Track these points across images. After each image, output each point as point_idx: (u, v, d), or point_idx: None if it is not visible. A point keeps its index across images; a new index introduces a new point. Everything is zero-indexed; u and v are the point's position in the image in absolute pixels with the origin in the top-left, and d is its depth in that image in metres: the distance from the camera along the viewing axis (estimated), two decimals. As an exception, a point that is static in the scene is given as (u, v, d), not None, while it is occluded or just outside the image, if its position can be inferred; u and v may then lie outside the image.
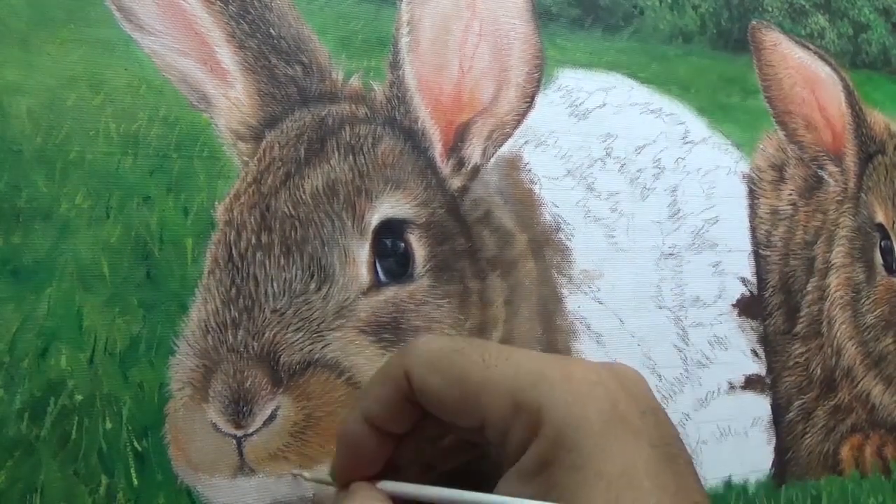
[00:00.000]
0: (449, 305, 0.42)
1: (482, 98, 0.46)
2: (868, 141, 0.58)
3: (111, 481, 0.35)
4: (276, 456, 0.37)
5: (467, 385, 0.27)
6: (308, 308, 0.39)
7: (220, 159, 0.40)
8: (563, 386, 0.26)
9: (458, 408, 0.28)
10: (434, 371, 0.28)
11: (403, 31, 0.44)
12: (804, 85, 0.57)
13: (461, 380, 0.27)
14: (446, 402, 0.28)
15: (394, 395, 0.29)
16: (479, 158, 0.45)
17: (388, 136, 0.43)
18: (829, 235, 0.56)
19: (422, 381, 0.28)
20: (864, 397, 0.54)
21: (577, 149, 0.49)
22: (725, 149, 0.54)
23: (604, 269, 0.47)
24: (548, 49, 0.49)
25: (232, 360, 0.37)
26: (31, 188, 0.37)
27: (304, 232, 0.40)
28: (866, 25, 0.62)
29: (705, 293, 0.50)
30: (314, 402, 0.38)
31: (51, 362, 0.35)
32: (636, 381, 0.28)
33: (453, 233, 0.43)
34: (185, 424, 0.37)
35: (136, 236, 0.38)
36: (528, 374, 0.27)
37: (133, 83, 0.39)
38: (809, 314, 0.54)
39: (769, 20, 0.57)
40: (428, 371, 0.28)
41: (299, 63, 0.42)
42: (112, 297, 0.37)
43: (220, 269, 0.38)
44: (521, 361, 0.28)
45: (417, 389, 0.28)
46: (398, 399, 0.29)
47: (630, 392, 0.27)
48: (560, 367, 0.27)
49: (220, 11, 0.41)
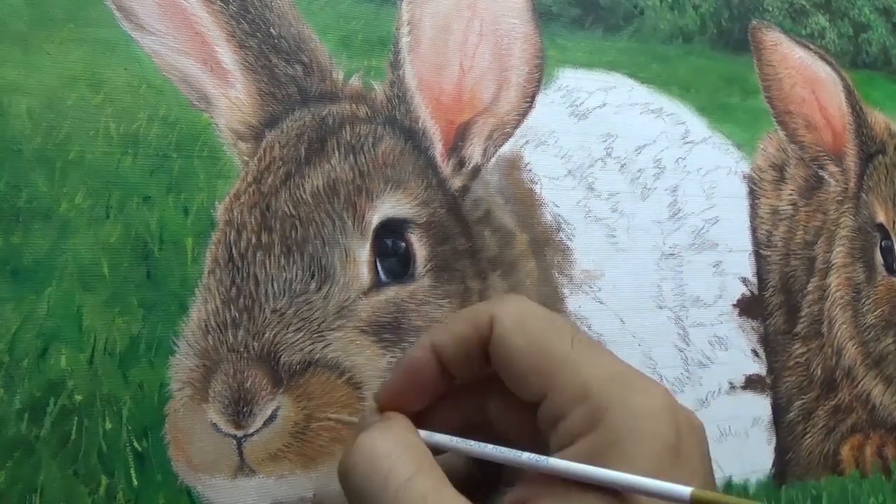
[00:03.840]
0: (450, 305, 0.42)
1: (483, 98, 0.46)
2: (868, 141, 0.58)
3: (111, 481, 0.35)
4: (277, 456, 0.37)
5: (547, 356, 0.26)
6: (308, 308, 0.39)
7: (220, 159, 0.40)
8: (636, 396, 0.25)
9: (527, 375, 0.27)
10: (520, 330, 0.27)
11: (404, 30, 0.44)
12: (804, 85, 0.57)
13: (543, 348, 0.27)
14: (519, 364, 0.27)
15: (470, 335, 0.28)
16: (479, 158, 0.45)
17: (388, 135, 0.43)
18: (830, 235, 0.56)
19: (504, 334, 0.27)
20: (864, 397, 0.54)
21: (577, 149, 0.49)
22: (726, 149, 0.54)
23: (604, 269, 0.47)
24: (548, 49, 0.49)
25: (232, 360, 0.37)
26: (31, 188, 0.37)
27: (305, 232, 0.39)
28: (866, 25, 0.62)
29: (706, 293, 0.50)
30: (314, 402, 0.38)
31: (51, 362, 0.35)
32: (700, 427, 0.27)
33: (454, 233, 0.43)
34: (185, 424, 0.37)
35: (136, 236, 0.38)
36: (607, 371, 0.26)
37: (133, 83, 0.39)
38: (810, 314, 0.54)
39: (769, 20, 0.57)
40: (514, 327, 0.27)
41: (300, 63, 0.42)
42: (112, 297, 0.37)
43: (221, 268, 0.38)
44: (606, 357, 0.27)
45: (496, 339, 0.27)
46: (473, 341, 0.28)
47: (695, 432, 0.26)
48: (640, 378, 0.26)
49: (220, 11, 0.41)
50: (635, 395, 0.25)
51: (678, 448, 0.25)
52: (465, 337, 0.28)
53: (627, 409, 0.25)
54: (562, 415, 0.26)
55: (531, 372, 0.27)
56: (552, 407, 0.26)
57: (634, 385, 0.26)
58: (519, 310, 0.28)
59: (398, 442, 0.27)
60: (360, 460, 0.26)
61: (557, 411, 0.26)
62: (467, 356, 0.28)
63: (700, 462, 0.25)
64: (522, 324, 0.27)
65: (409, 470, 0.25)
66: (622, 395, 0.25)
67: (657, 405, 0.25)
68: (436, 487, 0.25)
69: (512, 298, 0.29)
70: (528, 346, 0.27)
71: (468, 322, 0.28)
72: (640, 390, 0.26)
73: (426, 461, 0.26)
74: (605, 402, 0.25)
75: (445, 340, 0.28)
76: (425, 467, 0.26)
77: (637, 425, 0.24)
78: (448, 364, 0.29)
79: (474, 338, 0.28)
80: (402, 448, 0.26)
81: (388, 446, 0.26)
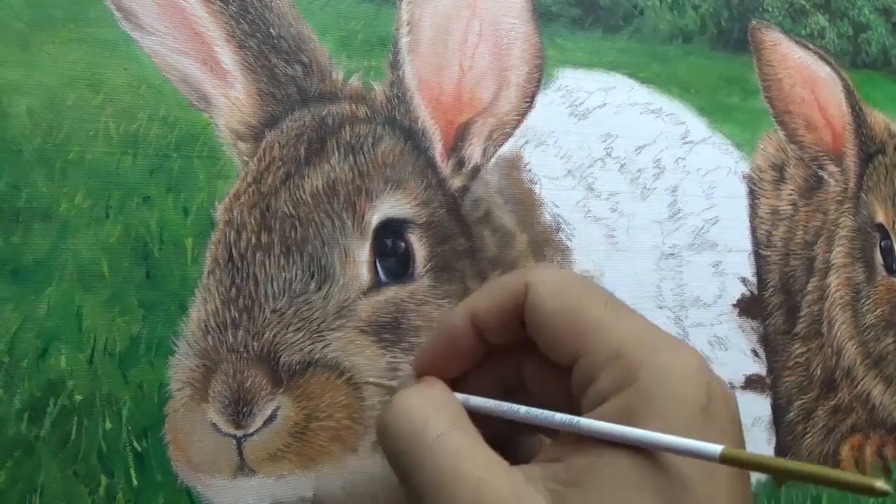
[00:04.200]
0: (450, 305, 0.42)
1: (482, 98, 0.46)
2: (868, 141, 0.58)
3: (111, 481, 0.35)
4: (276, 456, 0.37)
5: (581, 318, 0.27)
6: (308, 308, 0.39)
7: (220, 159, 0.40)
8: (668, 357, 0.25)
9: (561, 337, 0.27)
10: (555, 294, 0.28)
11: (403, 30, 0.44)
12: (804, 85, 0.57)
13: (577, 311, 0.27)
14: (553, 326, 0.27)
15: (506, 302, 0.29)
16: (479, 158, 0.45)
17: (388, 135, 0.43)
18: (830, 235, 0.56)
19: (539, 298, 0.28)
20: (864, 397, 0.54)
21: (577, 149, 0.49)
22: (726, 149, 0.54)
23: (604, 269, 0.47)
24: (548, 49, 0.49)
25: (232, 361, 0.37)
26: (30, 188, 0.37)
27: (305, 232, 0.39)
28: (866, 25, 0.62)
29: (705, 293, 0.50)
30: (314, 402, 0.38)
31: (51, 362, 0.35)
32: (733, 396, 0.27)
33: (454, 233, 0.43)
34: (185, 424, 0.37)
35: (136, 236, 0.38)
36: (640, 332, 0.26)
37: (133, 83, 0.39)
38: (809, 314, 0.54)
39: (769, 20, 0.57)
40: (549, 291, 0.28)
41: (299, 63, 0.42)
42: (112, 297, 0.37)
43: (220, 269, 0.38)
44: (638, 320, 0.27)
45: (530, 305, 0.28)
46: (509, 307, 0.29)
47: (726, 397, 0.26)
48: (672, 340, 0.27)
49: (220, 11, 0.41)
50: (667, 356, 0.25)
51: (709, 409, 0.25)
52: (502, 303, 0.29)
53: (659, 369, 0.25)
54: (594, 376, 0.26)
55: (565, 334, 0.27)
56: (585, 368, 0.27)
57: (667, 346, 0.26)
58: (553, 275, 0.29)
59: (434, 400, 0.28)
60: (398, 415, 0.27)
61: (590, 372, 0.26)
62: (503, 322, 0.29)
63: (731, 424, 0.26)
64: (556, 288, 0.28)
65: (444, 425, 0.26)
66: (654, 356, 0.25)
67: (690, 367, 0.25)
68: (470, 444, 0.25)
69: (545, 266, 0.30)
70: (562, 310, 0.27)
71: (504, 288, 0.29)
72: (673, 351, 0.26)
73: (462, 419, 0.27)
74: (637, 363, 0.25)
75: (482, 307, 0.29)
76: (461, 424, 0.26)
77: (668, 385, 0.25)
78: (484, 330, 0.29)
79: (510, 304, 0.29)
80: (438, 405, 0.27)
81: (424, 403, 0.27)
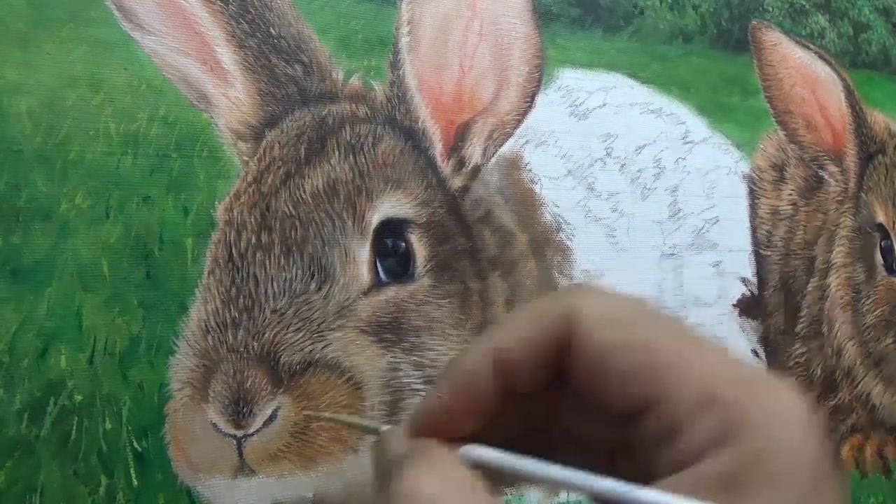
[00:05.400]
0: (450, 305, 0.42)
1: (482, 98, 0.46)
2: (868, 141, 0.58)
3: (111, 481, 0.35)
4: (277, 456, 0.37)
5: (654, 353, 0.21)
6: (308, 308, 0.39)
7: (220, 159, 0.40)
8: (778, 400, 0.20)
9: (631, 376, 0.21)
10: (612, 324, 0.21)
11: (403, 30, 0.44)
12: (804, 85, 0.57)
13: (646, 344, 0.21)
14: (615, 366, 0.21)
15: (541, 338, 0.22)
16: (479, 158, 0.45)
17: (388, 135, 0.43)
18: (830, 235, 0.56)
19: (592, 331, 0.21)
20: (864, 397, 0.54)
21: (577, 149, 0.49)
22: (726, 149, 0.54)
23: (604, 269, 0.47)
24: (548, 49, 0.49)
25: (232, 361, 0.37)
26: (31, 188, 0.37)
27: (305, 232, 0.39)
28: (866, 25, 0.62)
29: (706, 293, 0.50)
30: (314, 402, 0.38)
31: (51, 362, 0.35)
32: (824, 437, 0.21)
33: (454, 233, 0.43)
34: (185, 424, 0.37)
35: (136, 236, 0.38)
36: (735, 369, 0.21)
37: (133, 83, 0.39)
38: (810, 314, 0.54)
39: (769, 20, 0.57)
40: (604, 321, 0.21)
41: (299, 62, 0.42)
42: (112, 297, 0.37)
43: (220, 268, 0.38)
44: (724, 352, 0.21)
45: (580, 340, 0.21)
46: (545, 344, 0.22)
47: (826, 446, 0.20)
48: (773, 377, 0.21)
49: (220, 11, 0.41)
50: (776, 399, 0.20)
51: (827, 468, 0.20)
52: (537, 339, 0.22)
53: (772, 413, 0.20)
54: (679, 426, 0.20)
55: (635, 375, 0.21)
56: (666, 416, 0.21)
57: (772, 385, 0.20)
58: (605, 300, 0.22)
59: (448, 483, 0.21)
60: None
61: (673, 422, 0.20)
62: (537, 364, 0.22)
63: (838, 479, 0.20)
64: (613, 316, 0.22)
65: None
66: (760, 400, 0.20)
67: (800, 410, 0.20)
68: None
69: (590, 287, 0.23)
70: (624, 343, 0.21)
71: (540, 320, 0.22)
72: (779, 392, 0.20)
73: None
74: (741, 409, 0.20)
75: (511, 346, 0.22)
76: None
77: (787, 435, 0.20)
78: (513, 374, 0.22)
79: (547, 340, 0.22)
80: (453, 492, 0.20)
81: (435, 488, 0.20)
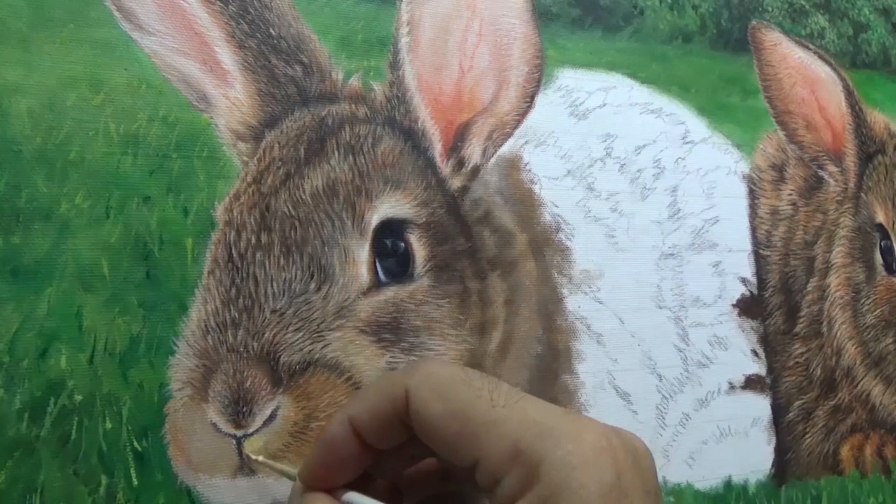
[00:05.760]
0: (449, 305, 0.42)
1: (482, 98, 0.46)
2: (868, 141, 0.58)
3: (111, 481, 0.35)
4: (276, 456, 0.37)
5: (469, 421, 0.26)
6: (308, 308, 0.39)
7: (220, 159, 0.40)
8: (568, 446, 0.25)
9: (454, 442, 0.26)
10: (437, 397, 0.26)
11: (403, 31, 0.44)
12: (804, 85, 0.57)
13: (464, 413, 0.26)
14: (442, 432, 0.26)
15: (386, 410, 0.28)
16: (479, 158, 0.45)
17: (388, 136, 0.43)
18: (829, 235, 0.56)
19: (421, 404, 0.27)
20: (864, 397, 0.54)
21: (577, 149, 0.49)
22: (725, 149, 0.54)
23: (604, 269, 0.47)
24: (548, 49, 0.49)
25: (232, 360, 0.37)
26: (31, 188, 0.37)
27: (304, 232, 0.40)
28: (866, 25, 0.62)
29: (705, 293, 0.50)
30: (314, 402, 0.38)
31: (51, 362, 0.35)
32: (644, 456, 0.26)
33: (453, 233, 0.43)
34: (185, 424, 0.37)
35: (136, 236, 0.38)
36: (535, 424, 0.25)
37: (133, 83, 0.39)
38: (809, 314, 0.54)
39: (769, 20, 0.57)
40: (431, 395, 0.27)
41: (299, 63, 0.42)
42: (112, 297, 0.37)
43: (220, 269, 0.38)
44: (530, 409, 0.26)
45: (414, 412, 0.27)
46: (390, 415, 0.28)
47: (638, 466, 0.26)
48: (570, 424, 0.26)
49: (219, 11, 0.41)
50: (565, 445, 0.25)
51: (620, 486, 0.24)
52: (382, 411, 0.28)
53: (559, 461, 0.24)
54: (496, 479, 0.25)
55: (455, 440, 0.26)
56: (486, 471, 0.26)
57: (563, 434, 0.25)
58: (434, 375, 0.27)
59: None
60: None
61: (492, 476, 0.26)
62: (388, 430, 0.28)
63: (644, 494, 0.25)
64: (438, 390, 0.27)
65: None
66: (553, 448, 0.25)
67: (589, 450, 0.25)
68: None
69: (426, 364, 0.29)
70: (447, 413, 0.26)
71: (383, 395, 0.28)
72: (570, 439, 0.25)
73: None
74: (537, 457, 0.24)
75: (362, 416, 0.28)
76: None
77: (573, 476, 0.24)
78: (369, 438, 0.28)
79: (391, 412, 0.27)
80: None
81: None
